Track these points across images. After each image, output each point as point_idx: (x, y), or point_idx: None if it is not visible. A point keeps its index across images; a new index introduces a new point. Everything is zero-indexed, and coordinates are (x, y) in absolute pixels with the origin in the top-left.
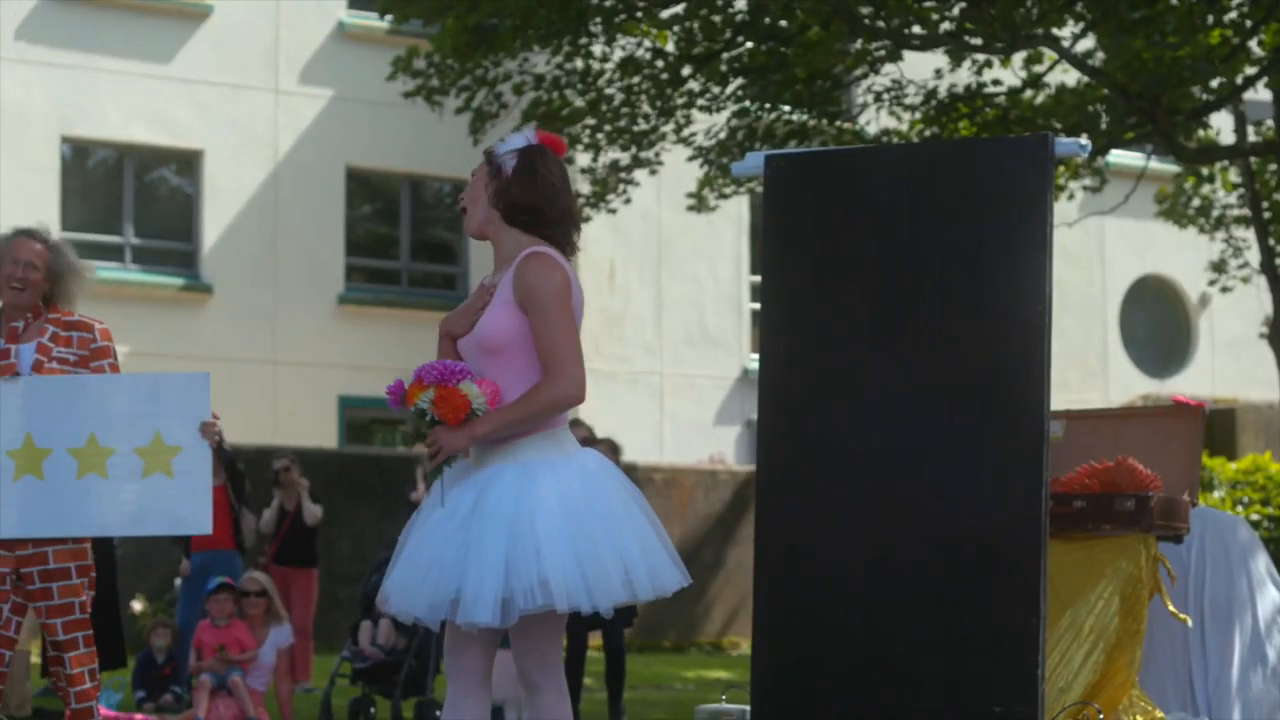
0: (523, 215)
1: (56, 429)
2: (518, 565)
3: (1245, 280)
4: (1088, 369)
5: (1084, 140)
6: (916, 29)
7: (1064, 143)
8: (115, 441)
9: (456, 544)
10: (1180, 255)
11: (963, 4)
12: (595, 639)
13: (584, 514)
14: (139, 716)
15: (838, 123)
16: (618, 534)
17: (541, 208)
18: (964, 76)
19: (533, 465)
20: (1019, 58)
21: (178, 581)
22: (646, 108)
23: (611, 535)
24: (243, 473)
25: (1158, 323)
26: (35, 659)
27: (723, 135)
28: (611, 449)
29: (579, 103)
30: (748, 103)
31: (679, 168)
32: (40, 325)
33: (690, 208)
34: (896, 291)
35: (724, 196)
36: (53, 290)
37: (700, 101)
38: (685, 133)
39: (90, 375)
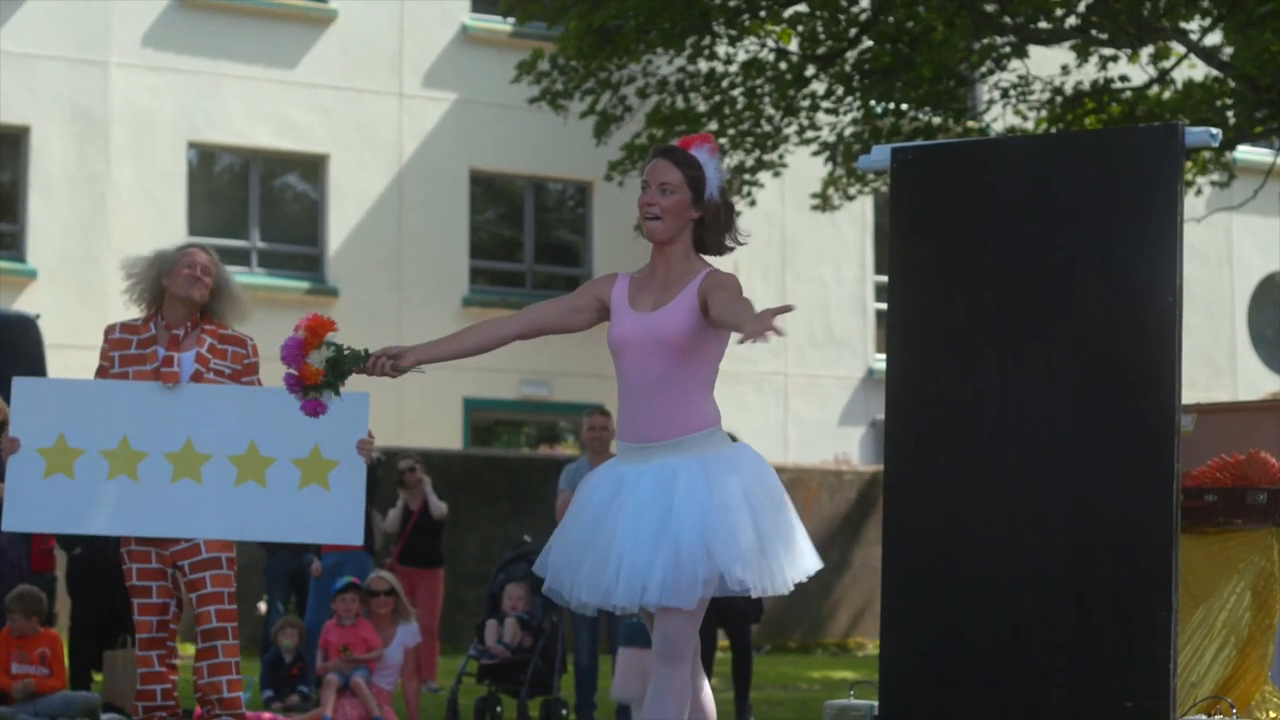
0: (711, 238)
1: (218, 436)
2: (717, 551)
3: None
4: (1216, 368)
5: (1214, 130)
6: (1042, 24)
7: (1194, 132)
8: (275, 452)
9: (651, 537)
10: None
11: None
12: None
13: (764, 502)
14: (267, 715)
15: (963, 121)
16: (789, 519)
17: (724, 239)
18: (1090, 73)
19: (710, 459)
20: (1145, 54)
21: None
22: (770, 109)
23: (786, 520)
24: (376, 476)
25: None
26: None
27: (847, 131)
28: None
29: (702, 106)
30: (872, 102)
31: (803, 169)
32: (198, 335)
33: (815, 207)
34: (1025, 284)
35: (849, 197)
36: (212, 303)
37: (825, 104)
38: (809, 135)
39: (257, 387)
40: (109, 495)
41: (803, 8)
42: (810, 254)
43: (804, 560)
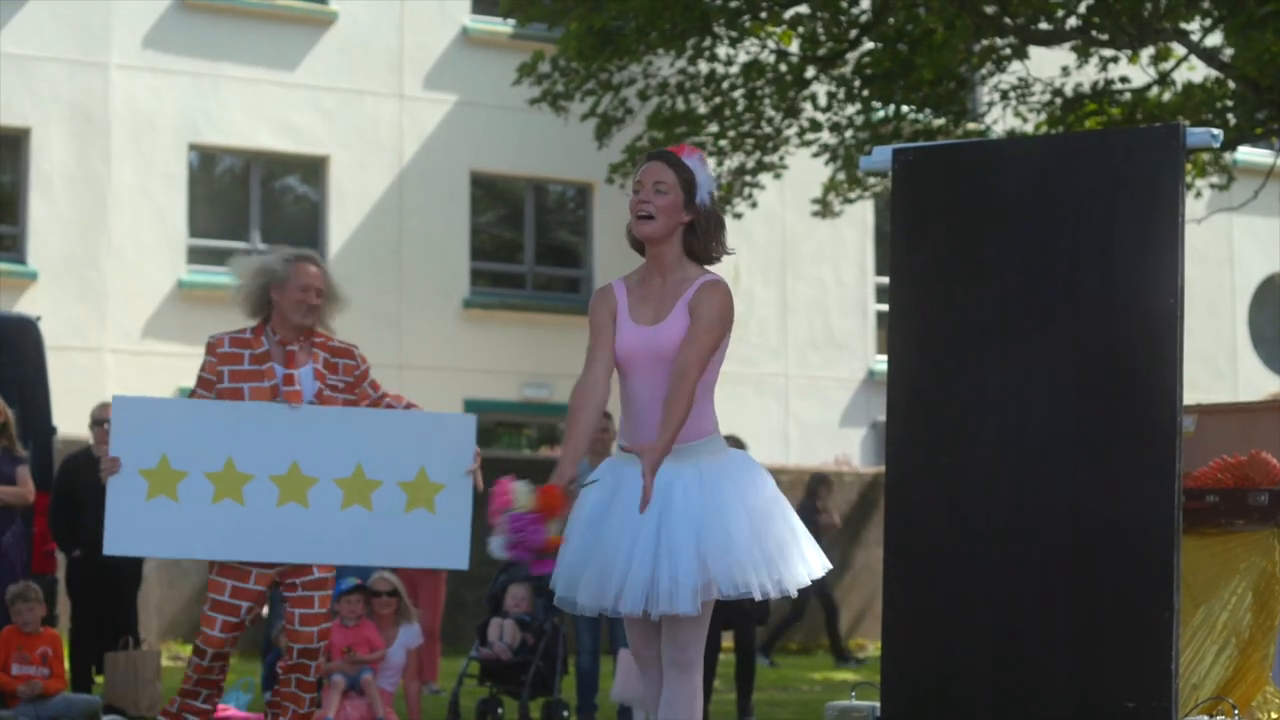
0: (700, 243)
1: (324, 459)
2: (711, 558)
3: None
4: (1216, 369)
5: (1215, 130)
6: (1043, 25)
7: (1195, 133)
8: (381, 474)
9: (648, 543)
10: None
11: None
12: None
13: (759, 509)
14: None
15: (963, 123)
16: (788, 524)
17: (712, 247)
18: (1090, 74)
19: (706, 467)
20: (1146, 55)
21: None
22: (770, 110)
23: (786, 523)
24: None
25: None
26: (166, 661)
27: (848, 135)
28: (736, 446)
29: (702, 108)
30: (874, 103)
31: (803, 171)
32: (309, 350)
33: (815, 213)
34: (1027, 284)
35: (849, 201)
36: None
37: (826, 115)
38: (809, 136)
39: (362, 409)
40: (214, 520)
41: (803, 9)
42: (811, 255)
43: (802, 566)
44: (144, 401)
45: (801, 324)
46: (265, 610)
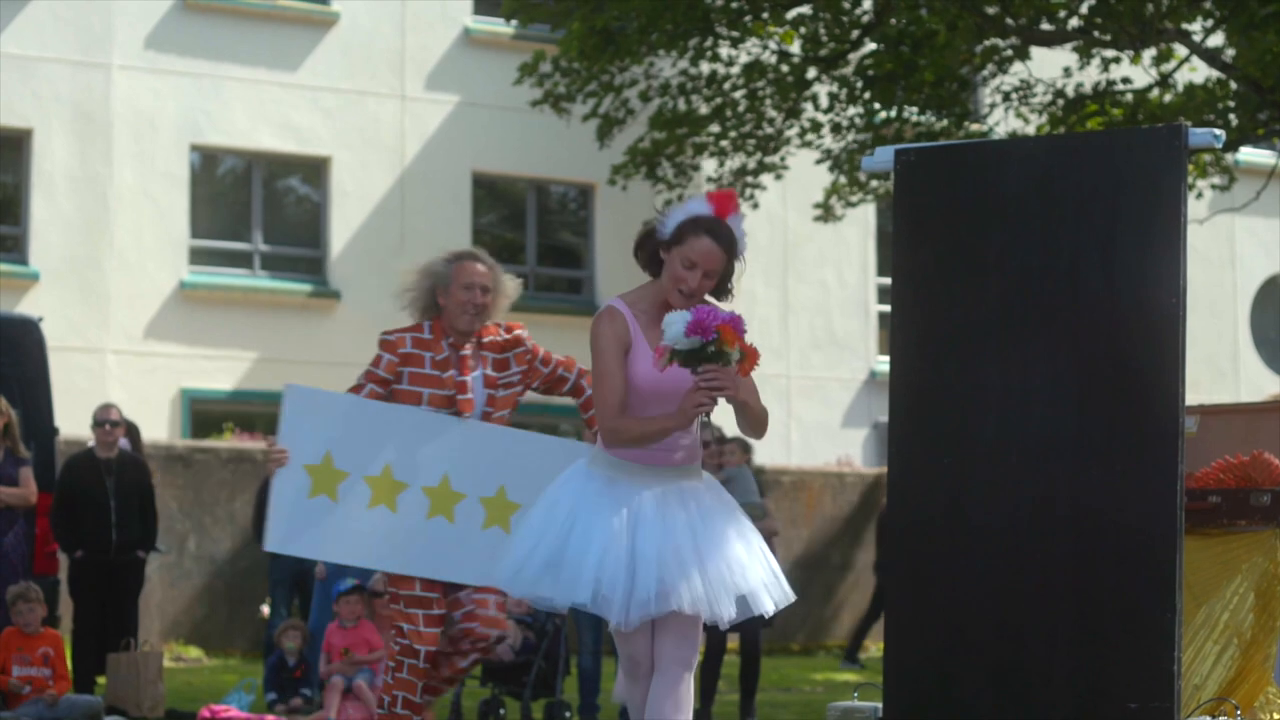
0: (721, 286)
1: (474, 475)
2: (737, 574)
3: None
4: (1218, 370)
5: (1218, 130)
6: (1045, 26)
7: (1198, 133)
8: (522, 498)
9: (689, 548)
10: None
11: (1091, 0)
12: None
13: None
14: (270, 718)
15: (965, 125)
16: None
17: (730, 288)
18: (1092, 75)
19: (716, 486)
20: (1148, 56)
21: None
22: (771, 111)
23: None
24: None
25: None
26: (168, 663)
27: (850, 137)
28: (742, 448)
29: (704, 109)
30: (876, 105)
31: (805, 172)
32: (479, 355)
33: (817, 218)
34: (1030, 285)
35: (851, 205)
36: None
37: (828, 116)
38: (810, 137)
39: (515, 431)
40: (367, 526)
41: (805, 10)
42: (812, 256)
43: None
44: (316, 394)
45: (803, 324)
46: (266, 610)
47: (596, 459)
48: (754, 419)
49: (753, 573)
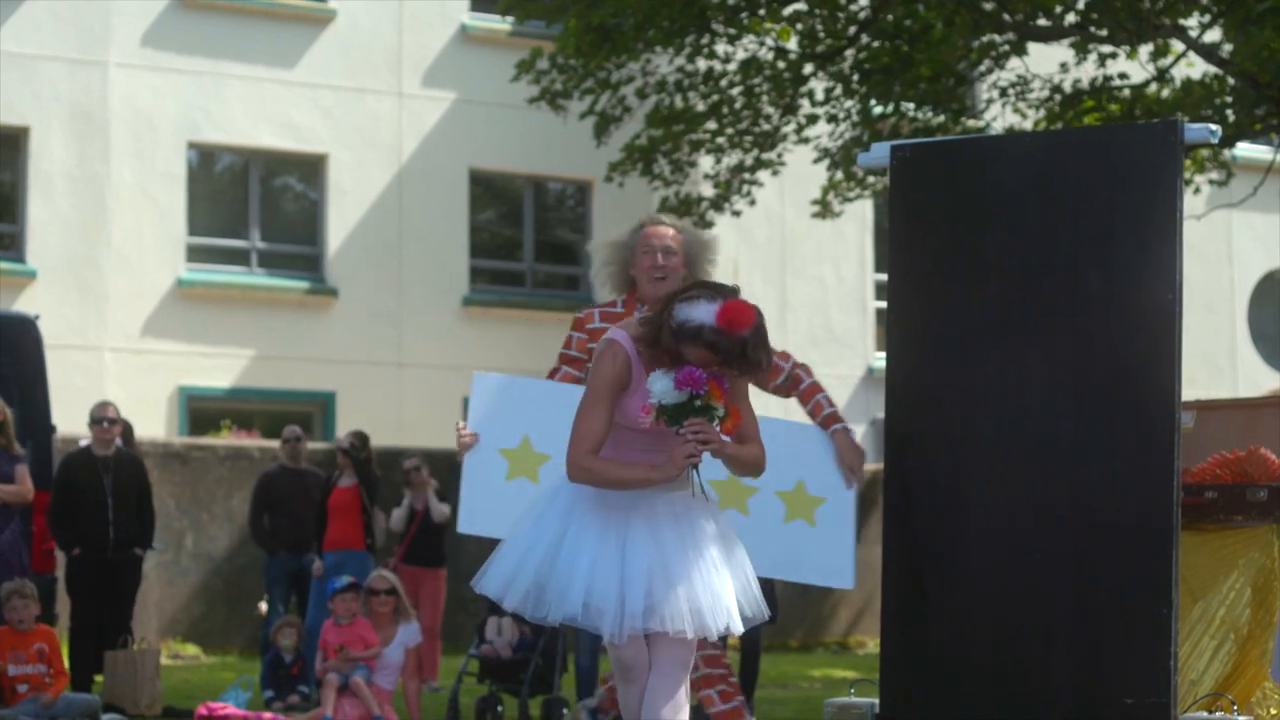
0: None
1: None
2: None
3: None
4: (1216, 366)
5: (1214, 126)
6: (1041, 21)
7: (1194, 128)
8: (758, 481)
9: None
10: None
11: None
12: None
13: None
14: (267, 715)
15: (962, 120)
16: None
17: None
18: (1089, 71)
19: (715, 504)
20: (1144, 52)
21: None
22: (768, 108)
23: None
24: (377, 475)
25: None
26: (165, 660)
27: (846, 135)
28: None
29: (701, 106)
30: (872, 101)
31: (802, 168)
32: None
33: (815, 215)
34: (1026, 281)
35: (848, 200)
36: (689, 275)
37: (824, 110)
38: (807, 133)
39: (793, 423)
40: None
41: (801, 6)
42: (810, 252)
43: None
44: (505, 380)
45: (801, 321)
46: (263, 608)
47: None
48: (746, 466)
49: (738, 590)
